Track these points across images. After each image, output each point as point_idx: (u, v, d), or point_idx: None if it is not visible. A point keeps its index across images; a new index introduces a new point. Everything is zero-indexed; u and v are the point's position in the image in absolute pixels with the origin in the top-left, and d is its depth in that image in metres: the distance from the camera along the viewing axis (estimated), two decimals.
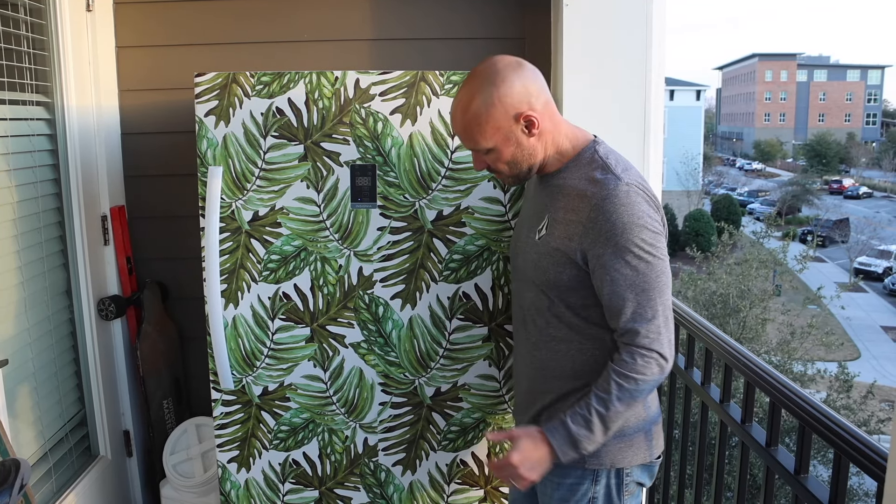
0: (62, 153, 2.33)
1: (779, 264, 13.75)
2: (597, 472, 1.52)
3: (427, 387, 2.06)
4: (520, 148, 1.50)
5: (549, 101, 1.52)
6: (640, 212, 1.40)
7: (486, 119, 1.46)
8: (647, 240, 1.40)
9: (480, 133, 1.47)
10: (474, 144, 1.51)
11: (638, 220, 1.40)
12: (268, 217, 2.00)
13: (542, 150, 1.51)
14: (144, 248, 2.69)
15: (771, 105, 58.61)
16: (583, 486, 1.53)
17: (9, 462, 1.56)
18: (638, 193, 1.42)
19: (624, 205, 1.40)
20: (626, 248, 1.39)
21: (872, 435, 8.30)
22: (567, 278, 1.48)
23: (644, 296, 1.40)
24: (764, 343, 11.14)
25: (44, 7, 2.25)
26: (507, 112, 1.46)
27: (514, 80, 1.46)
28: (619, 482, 1.53)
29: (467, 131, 1.49)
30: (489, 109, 1.45)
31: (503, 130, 1.47)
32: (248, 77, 1.95)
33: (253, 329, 2.04)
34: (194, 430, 2.59)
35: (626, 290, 1.40)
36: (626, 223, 1.39)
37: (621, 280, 1.40)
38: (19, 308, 2.12)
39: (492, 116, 1.46)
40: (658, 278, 1.41)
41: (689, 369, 1.92)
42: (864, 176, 44.58)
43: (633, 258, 1.39)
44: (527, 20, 2.57)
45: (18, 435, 2.09)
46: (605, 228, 1.40)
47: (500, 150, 1.50)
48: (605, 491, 1.53)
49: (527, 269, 1.58)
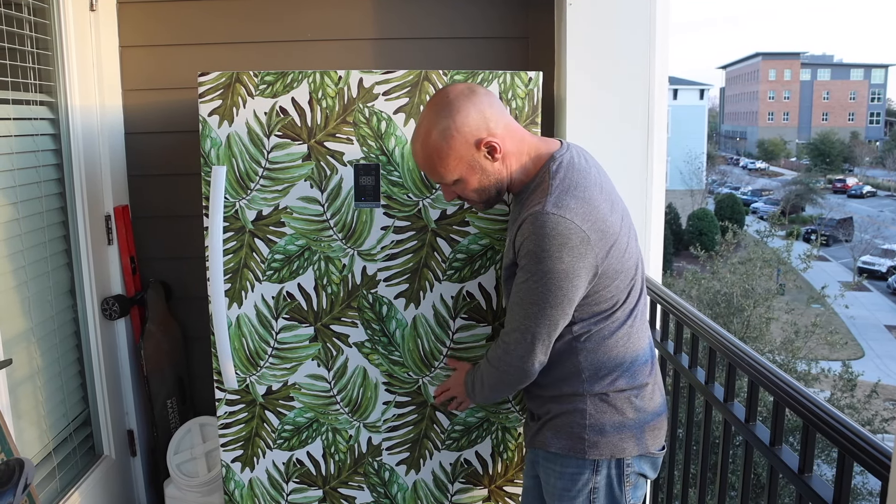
0: (66, 153, 2.33)
1: (782, 263, 13.72)
2: (597, 462, 1.55)
3: (431, 386, 2.06)
4: (485, 174, 1.52)
5: (508, 123, 1.53)
6: (550, 245, 1.42)
7: (448, 151, 1.48)
8: (542, 270, 1.44)
9: (444, 166, 1.50)
10: (440, 178, 1.53)
11: (542, 251, 1.43)
12: (271, 216, 2.00)
13: (507, 172, 1.54)
14: (148, 248, 2.70)
15: (774, 104, 58.51)
16: (583, 475, 1.56)
17: (13, 461, 1.56)
18: (558, 225, 1.42)
19: (537, 234, 1.43)
20: (525, 269, 1.47)
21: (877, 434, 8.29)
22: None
23: (518, 309, 1.51)
24: (768, 342, 11.13)
25: (47, 7, 2.25)
26: (466, 141, 1.48)
27: (470, 109, 1.48)
28: (619, 472, 1.56)
29: (430, 166, 1.51)
30: (449, 141, 1.47)
31: (466, 160, 1.49)
32: (251, 76, 1.96)
33: (257, 328, 2.04)
34: (198, 430, 2.59)
35: (512, 299, 1.53)
36: (531, 251, 1.44)
37: (514, 291, 1.52)
38: (23, 307, 2.12)
39: (452, 148, 1.48)
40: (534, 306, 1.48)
41: (692, 368, 1.91)
42: (868, 175, 44.48)
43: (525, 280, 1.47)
44: (530, 19, 2.57)
45: (22, 434, 2.09)
46: (519, 250, 1.48)
47: (467, 180, 1.52)
48: (605, 481, 1.56)
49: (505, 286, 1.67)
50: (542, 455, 1.63)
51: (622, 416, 1.54)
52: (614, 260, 1.48)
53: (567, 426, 1.57)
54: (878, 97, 59.35)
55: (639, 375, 1.57)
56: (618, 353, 1.55)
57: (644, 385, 1.58)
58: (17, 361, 2.06)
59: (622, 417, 1.54)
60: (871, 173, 44.98)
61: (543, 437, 1.61)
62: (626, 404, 1.55)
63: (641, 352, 1.59)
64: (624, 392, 1.55)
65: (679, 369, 1.98)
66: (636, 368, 1.57)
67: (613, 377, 1.54)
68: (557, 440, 1.58)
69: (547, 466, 1.61)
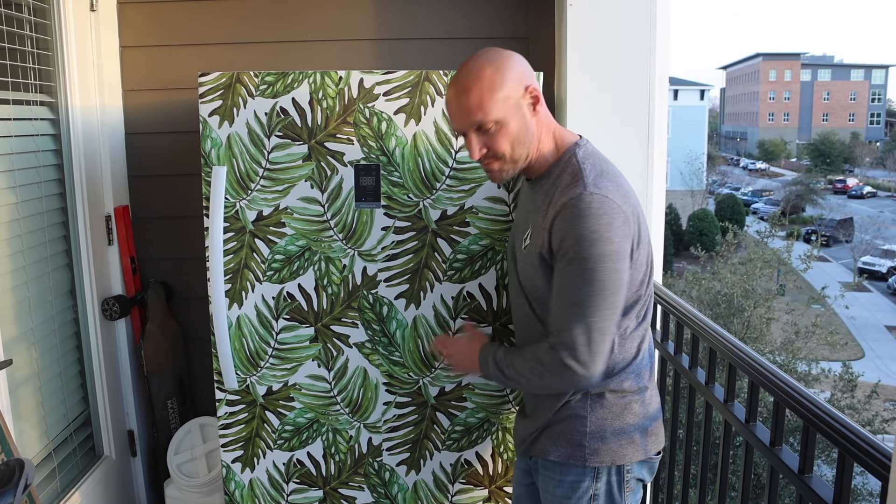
0: (66, 153, 2.33)
1: (783, 264, 13.72)
2: (598, 469, 1.53)
3: (431, 386, 2.06)
4: (524, 126, 1.47)
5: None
6: (598, 225, 1.37)
7: (500, 85, 1.43)
8: (597, 254, 1.37)
9: (492, 100, 1.43)
10: (483, 115, 1.44)
11: (592, 233, 1.37)
12: (272, 217, 2.00)
13: (537, 140, 1.50)
14: (148, 248, 2.70)
15: (775, 104, 58.50)
16: (584, 483, 1.53)
17: (13, 462, 1.56)
18: (603, 204, 1.38)
19: (583, 216, 1.37)
20: (575, 258, 1.38)
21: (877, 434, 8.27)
22: (542, 286, 1.49)
23: (574, 309, 1.40)
24: (768, 342, 11.12)
25: (47, 7, 2.25)
26: (516, 82, 1.45)
27: (518, 59, 1.49)
28: (619, 479, 1.54)
29: (477, 100, 1.43)
30: (502, 75, 1.44)
31: (513, 99, 1.45)
32: (251, 77, 1.96)
33: (257, 329, 2.04)
34: (198, 430, 2.59)
35: (562, 297, 1.42)
36: (580, 236, 1.37)
37: (563, 287, 1.42)
38: (23, 308, 2.12)
39: (504, 83, 1.43)
40: (599, 293, 1.39)
41: (693, 369, 1.91)
42: (868, 175, 44.47)
43: (580, 270, 1.38)
44: (530, 19, 2.57)
45: (23, 435, 2.09)
46: (563, 237, 1.40)
47: (507, 124, 1.45)
48: (605, 488, 1.54)
49: (515, 276, 1.61)
50: (540, 463, 1.60)
51: (622, 421, 1.52)
52: (642, 250, 1.47)
53: (566, 433, 1.54)
54: (879, 98, 59.33)
55: (643, 377, 1.56)
56: (631, 351, 1.52)
57: (645, 388, 1.57)
58: (18, 362, 2.06)
59: (622, 423, 1.52)
60: (871, 174, 44.97)
61: (542, 445, 1.58)
62: (627, 409, 1.53)
63: (649, 352, 1.58)
64: (626, 395, 1.53)
65: (679, 370, 1.98)
66: (642, 369, 1.55)
67: (622, 376, 1.52)
68: (556, 448, 1.55)
69: (546, 475, 1.59)
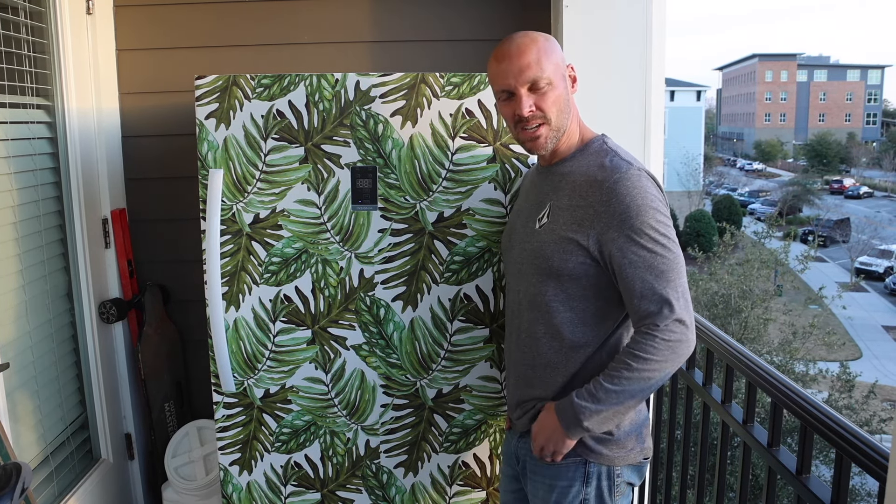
0: (63, 156, 2.33)
1: (780, 264, 13.74)
2: (588, 473, 1.53)
3: (429, 389, 2.06)
4: (567, 98, 1.54)
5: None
6: (652, 196, 1.43)
7: (553, 51, 1.52)
8: (662, 221, 1.42)
9: (548, 60, 1.50)
10: (540, 72, 1.48)
11: (651, 202, 1.41)
12: (269, 219, 2.00)
13: (573, 118, 1.56)
14: (145, 251, 2.70)
15: (771, 105, 58.59)
16: (574, 487, 1.54)
17: (10, 466, 1.56)
18: (649, 179, 1.45)
19: (637, 188, 1.42)
20: (642, 230, 1.40)
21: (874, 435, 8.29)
22: (573, 266, 1.47)
23: (662, 278, 1.39)
24: (766, 343, 11.14)
25: (44, 10, 2.25)
26: (562, 56, 1.55)
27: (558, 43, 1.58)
28: (610, 483, 1.54)
29: (537, 56, 1.49)
30: (553, 45, 1.53)
31: (561, 69, 1.53)
32: (248, 79, 1.95)
33: (254, 331, 2.04)
34: (196, 433, 2.59)
35: (645, 272, 1.40)
36: (641, 205, 1.41)
37: (640, 262, 1.40)
38: (20, 311, 2.12)
39: (556, 51, 1.53)
40: (675, 260, 1.41)
41: (690, 370, 1.92)
42: (865, 176, 44.53)
43: (649, 241, 1.40)
44: (526, 21, 2.57)
45: (20, 438, 2.09)
46: (619, 210, 1.41)
47: (556, 87, 1.51)
48: (596, 492, 1.54)
49: (524, 260, 1.57)
50: (529, 468, 1.61)
51: (616, 427, 1.52)
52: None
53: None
54: (875, 98, 59.46)
55: None
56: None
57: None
58: (15, 365, 2.06)
59: (617, 430, 1.52)
60: (867, 174, 45.04)
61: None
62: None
63: None
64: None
65: (678, 371, 1.98)
66: None
67: None
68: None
69: (535, 480, 1.59)
